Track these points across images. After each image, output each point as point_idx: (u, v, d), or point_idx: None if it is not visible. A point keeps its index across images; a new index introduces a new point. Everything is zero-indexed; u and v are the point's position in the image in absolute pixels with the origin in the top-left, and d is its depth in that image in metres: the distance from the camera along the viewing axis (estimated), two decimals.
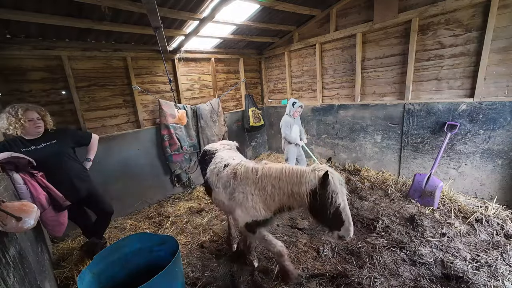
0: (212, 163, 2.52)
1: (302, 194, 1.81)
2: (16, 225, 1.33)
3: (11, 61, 3.10)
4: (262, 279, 2.43)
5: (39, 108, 2.39)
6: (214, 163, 2.49)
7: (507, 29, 2.95)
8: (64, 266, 2.73)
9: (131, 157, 4.09)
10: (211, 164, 2.53)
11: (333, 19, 4.52)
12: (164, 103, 4.24)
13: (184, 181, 4.75)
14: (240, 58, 5.66)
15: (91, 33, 3.33)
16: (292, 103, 3.92)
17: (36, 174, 2.11)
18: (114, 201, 3.40)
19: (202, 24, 3.59)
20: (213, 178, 2.40)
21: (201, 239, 3.15)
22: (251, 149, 6.28)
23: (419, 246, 2.66)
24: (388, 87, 4.16)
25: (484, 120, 3.24)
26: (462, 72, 3.37)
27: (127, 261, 2.16)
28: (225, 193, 2.25)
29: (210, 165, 2.52)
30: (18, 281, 1.31)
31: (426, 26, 3.53)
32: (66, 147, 2.52)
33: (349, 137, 4.86)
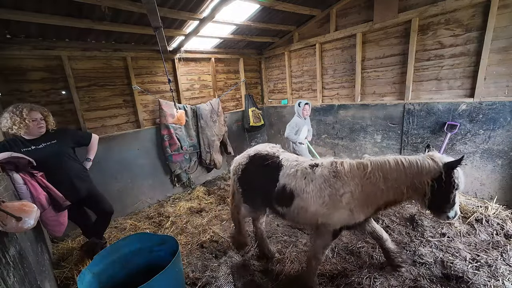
0: (287, 167, 2.14)
1: (424, 183, 1.77)
2: (16, 225, 1.33)
3: (11, 61, 3.10)
4: (262, 279, 2.43)
5: (43, 108, 2.41)
6: (291, 167, 2.13)
7: (507, 29, 2.94)
8: (64, 266, 2.73)
9: (131, 157, 4.09)
10: (285, 168, 2.14)
11: (333, 19, 4.52)
12: (164, 103, 4.24)
13: (184, 181, 4.75)
14: (240, 58, 5.66)
15: (91, 33, 3.33)
16: (298, 103, 3.95)
17: (36, 174, 2.11)
18: (114, 201, 3.40)
19: (202, 24, 3.59)
20: (299, 182, 2.04)
21: (201, 239, 3.15)
22: None
23: (419, 246, 2.66)
24: (388, 87, 4.16)
25: (484, 120, 3.24)
26: (462, 72, 3.37)
27: (127, 261, 2.16)
28: (319, 197, 1.95)
29: (284, 169, 2.14)
30: (18, 281, 1.31)
31: (426, 26, 3.53)
32: (66, 147, 2.53)
33: (349, 137, 4.86)
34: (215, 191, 4.64)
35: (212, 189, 4.73)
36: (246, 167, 2.39)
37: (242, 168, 2.40)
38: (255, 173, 2.32)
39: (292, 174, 2.10)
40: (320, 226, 2.03)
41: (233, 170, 2.54)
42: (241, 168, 2.42)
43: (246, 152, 2.51)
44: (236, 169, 2.47)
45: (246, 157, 2.43)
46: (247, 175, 2.38)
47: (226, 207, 3.99)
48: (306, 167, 2.09)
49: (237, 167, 2.46)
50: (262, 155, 2.36)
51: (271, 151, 2.38)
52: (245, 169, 2.39)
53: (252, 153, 2.42)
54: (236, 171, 2.47)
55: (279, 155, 2.31)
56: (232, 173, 2.58)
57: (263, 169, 2.25)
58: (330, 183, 1.94)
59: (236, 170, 2.46)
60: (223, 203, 4.14)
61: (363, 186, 1.88)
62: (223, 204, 4.10)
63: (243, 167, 2.40)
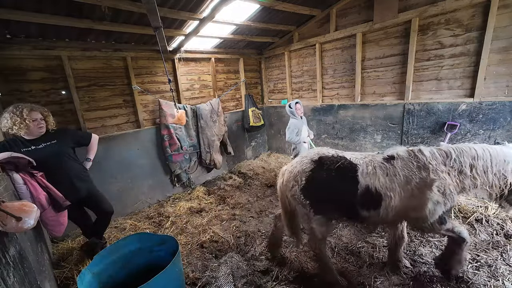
0: (362, 165, 1.97)
1: (507, 173, 1.76)
2: (16, 225, 1.33)
3: (11, 61, 3.10)
4: (262, 279, 2.43)
5: (43, 108, 2.41)
6: (367, 164, 1.97)
7: (507, 29, 2.95)
8: (64, 266, 2.73)
9: (131, 157, 4.09)
10: (361, 167, 1.97)
11: (333, 19, 4.52)
12: (164, 103, 4.24)
13: (184, 181, 4.75)
14: (240, 58, 5.66)
15: (91, 33, 3.33)
16: (288, 105, 3.92)
17: (36, 174, 2.11)
18: (114, 201, 3.40)
19: (202, 24, 3.59)
20: (382, 180, 1.88)
21: (201, 239, 3.15)
22: (251, 149, 6.28)
23: (419, 246, 2.66)
24: (388, 87, 4.16)
25: (484, 120, 3.24)
26: (462, 72, 3.37)
27: (127, 261, 2.16)
28: (407, 190, 1.85)
29: (360, 169, 1.96)
30: (18, 281, 1.31)
31: (426, 26, 3.53)
32: (66, 147, 2.53)
33: (349, 137, 4.86)
34: (215, 191, 4.64)
35: (212, 189, 4.73)
36: (312, 174, 2.05)
37: (307, 176, 2.05)
38: (327, 179, 2.00)
39: (372, 173, 1.92)
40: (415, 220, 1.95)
41: (291, 180, 2.14)
42: (305, 176, 2.06)
43: (303, 158, 2.17)
44: (296, 178, 2.10)
45: (309, 163, 2.10)
46: (316, 182, 2.03)
47: (226, 207, 3.99)
48: (382, 161, 1.95)
49: (298, 176, 2.10)
50: (328, 157, 2.08)
51: (331, 152, 2.16)
52: (311, 177, 2.05)
53: (316, 157, 2.11)
54: (298, 181, 2.09)
55: (344, 154, 2.11)
56: (286, 186, 2.20)
57: (337, 172, 1.99)
58: (415, 173, 1.84)
59: (297, 180, 2.09)
60: (223, 203, 4.14)
61: (449, 173, 1.82)
62: (223, 204, 4.11)
63: (308, 175, 2.05)
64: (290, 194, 2.18)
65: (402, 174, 1.87)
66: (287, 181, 2.20)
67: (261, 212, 3.79)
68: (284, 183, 2.24)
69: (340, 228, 3.15)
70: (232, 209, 3.93)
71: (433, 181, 1.81)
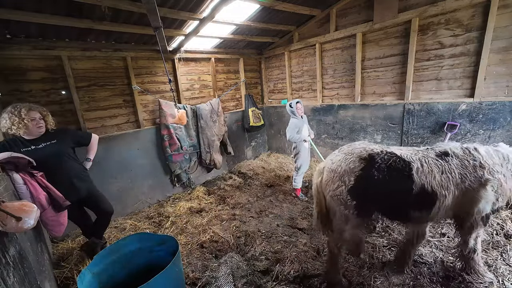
0: (416, 162, 1.85)
1: None
2: (16, 225, 1.33)
3: (11, 61, 3.10)
4: (262, 279, 2.43)
5: (41, 108, 2.40)
6: (420, 162, 1.85)
7: (507, 29, 2.95)
8: (64, 266, 2.73)
9: (131, 157, 4.09)
10: (415, 165, 1.84)
11: (333, 19, 4.52)
12: (164, 103, 4.24)
13: (184, 181, 4.75)
14: (240, 58, 5.66)
15: (91, 33, 3.33)
16: (289, 104, 3.90)
17: (36, 174, 2.11)
18: (114, 201, 3.40)
19: (202, 24, 3.59)
20: (438, 178, 1.80)
21: (201, 239, 3.15)
22: (251, 149, 6.28)
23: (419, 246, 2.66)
24: (388, 87, 4.16)
25: (484, 120, 3.24)
26: (462, 72, 3.37)
27: (127, 261, 2.16)
28: (461, 189, 1.83)
29: (415, 166, 1.83)
30: (18, 281, 1.31)
31: (426, 26, 3.54)
32: (66, 147, 2.52)
33: (349, 137, 4.85)
34: (215, 191, 4.64)
35: (212, 189, 4.73)
36: (363, 173, 1.88)
37: (357, 175, 1.89)
38: (379, 179, 1.84)
39: (427, 171, 1.81)
40: (467, 217, 1.90)
41: (336, 180, 1.98)
42: (354, 176, 1.90)
43: (347, 156, 2.01)
44: (344, 178, 1.94)
45: (357, 161, 1.93)
46: (367, 183, 1.87)
47: (226, 207, 3.99)
48: (435, 158, 1.86)
49: (345, 176, 1.94)
50: (379, 154, 1.92)
51: (376, 147, 2.02)
52: (362, 177, 1.88)
53: (364, 154, 1.94)
54: (345, 181, 1.93)
55: (392, 150, 1.96)
56: (326, 185, 2.06)
57: (390, 171, 1.83)
58: (470, 171, 1.79)
59: (345, 180, 1.93)
60: (223, 203, 4.14)
61: (504, 174, 1.79)
62: (223, 204, 4.11)
63: (358, 174, 1.89)
64: (332, 194, 2.02)
65: (458, 172, 1.79)
66: (328, 180, 2.04)
67: (261, 212, 3.79)
68: (324, 183, 2.08)
69: None
70: (232, 209, 3.93)
71: (488, 181, 1.77)
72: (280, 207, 3.90)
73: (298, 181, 4.07)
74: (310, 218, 3.47)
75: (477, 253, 2.09)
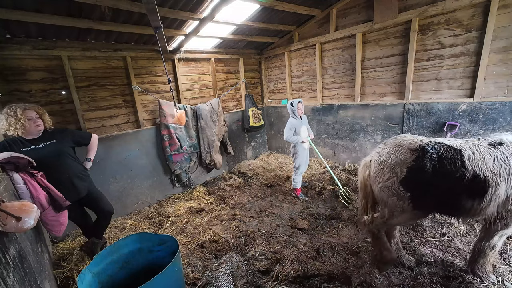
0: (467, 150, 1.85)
1: None
2: (16, 225, 1.33)
3: (11, 61, 3.10)
4: (262, 279, 2.43)
5: (37, 106, 2.39)
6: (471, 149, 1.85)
7: (507, 29, 2.95)
8: (64, 266, 2.73)
9: (131, 157, 4.09)
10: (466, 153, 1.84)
11: (333, 19, 4.52)
12: (164, 103, 4.24)
13: (184, 181, 4.75)
14: (240, 58, 5.66)
15: (91, 33, 3.33)
16: (290, 103, 3.89)
17: (36, 174, 2.10)
18: (114, 201, 3.41)
19: (202, 24, 3.59)
20: (490, 166, 1.78)
21: (201, 239, 3.15)
22: (251, 149, 6.28)
23: (419, 246, 2.66)
24: (388, 87, 4.16)
25: (484, 120, 3.24)
26: (462, 72, 3.37)
27: (127, 261, 2.16)
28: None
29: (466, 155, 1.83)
30: (18, 281, 1.31)
31: (426, 26, 3.54)
32: (66, 147, 2.52)
33: (349, 137, 4.86)
34: (215, 191, 4.64)
35: (212, 189, 4.73)
36: (415, 164, 1.91)
37: (409, 167, 1.92)
38: (433, 168, 1.86)
39: (479, 158, 1.80)
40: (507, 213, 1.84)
41: (387, 171, 2.01)
42: (407, 167, 1.93)
43: (396, 148, 2.04)
44: (395, 170, 1.98)
45: (408, 153, 1.96)
46: (420, 173, 1.89)
47: (226, 207, 3.99)
48: (488, 147, 1.84)
49: (396, 168, 1.97)
50: (429, 144, 1.93)
51: (421, 138, 2.04)
52: (414, 167, 1.91)
53: (415, 145, 1.96)
54: (397, 172, 1.97)
55: (441, 141, 1.97)
56: (375, 177, 2.10)
57: (443, 160, 1.85)
58: None
59: (396, 171, 1.97)
60: (223, 203, 4.14)
61: None
62: (223, 204, 4.11)
63: (411, 165, 1.92)
64: (382, 186, 2.05)
65: None
66: (377, 173, 2.07)
67: (261, 212, 3.79)
68: (373, 175, 2.12)
69: (340, 228, 3.15)
70: (232, 209, 3.93)
71: None
72: (280, 207, 3.90)
73: (297, 181, 4.07)
74: (310, 218, 3.47)
75: (494, 251, 2.07)
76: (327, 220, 3.39)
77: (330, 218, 3.42)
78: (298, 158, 3.98)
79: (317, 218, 3.47)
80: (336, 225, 3.21)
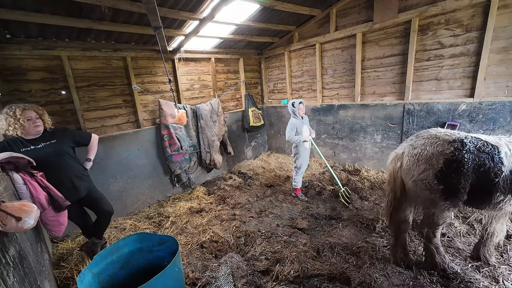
0: (503, 146, 1.88)
1: None
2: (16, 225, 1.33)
3: (11, 61, 3.10)
4: (262, 279, 2.43)
5: (36, 107, 2.38)
6: (507, 145, 1.89)
7: (507, 29, 2.95)
8: (64, 266, 2.73)
9: (131, 157, 4.09)
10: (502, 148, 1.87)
11: (333, 19, 4.52)
12: (164, 103, 4.24)
13: (184, 181, 4.75)
14: (240, 58, 5.66)
15: (91, 33, 3.33)
16: (291, 104, 3.87)
17: (36, 174, 2.10)
18: (114, 201, 3.41)
19: (202, 24, 3.59)
20: None
21: (201, 239, 3.15)
22: (251, 149, 6.28)
23: (419, 246, 2.66)
24: (388, 87, 4.16)
25: (484, 120, 3.24)
26: (462, 72, 3.37)
27: (127, 261, 2.16)
28: None
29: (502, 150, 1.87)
30: (18, 281, 1.31)
31: (426, 26, 3.54)
32: (66, 147, 2.52)
33: (349, 137, 4.86)
34: (215, 191, 4.64)
35: (212, 189, 4.73)
36: (453, 156, 1.89)
37: (446, 158, 1.91)
38: (470, 161, 1.87)
39: None
40: None
41: (422, 163, 2.00)
42: (443, 159, 1.92)
43: (432, 140, 2.03)
44: (431, 162, 1.96)
45: (446, 145, 1.94)
46: (457, 166, 1.88)
47: (226, 207, 3.99)
48: None
49: (433, 159, 1.96)
50: (467, 137, 1.93)
51: (462, 133, 2.04)
52: (452, 159, 1.89)
53: (452, 138, 1.96)
54: (433, 164, 1.95)
55: (477, 135, 1.97)
56: (408, 170, 2.08)
57: (481, 154, 1.86)
58: None
59: (433, 163, 1.95)
60: (223, 203, 4.14)
61: None
62: (223, 204, 4.10)
63: (448, 158, 1.90)
64: (416, 179, 2.05)
65: None
66: (412, 165, 2.06)
67: (261, 212, 3.79)
68: (406, 168, 2.10)
69: (340, 228, 3.15)
70: (232, 209, 3.93)
71: None
72: (280, 207, 3.90)
73: (298, 181, 4.07)
74: (310, 218, 3.47)
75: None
76: (327, 220, 3.39)
77: (330, 218, 3.42)
78: (299, 158, 3.98)
79: (317, 218, 3.47)
80: (336, 225, 3.21)
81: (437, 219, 2.09)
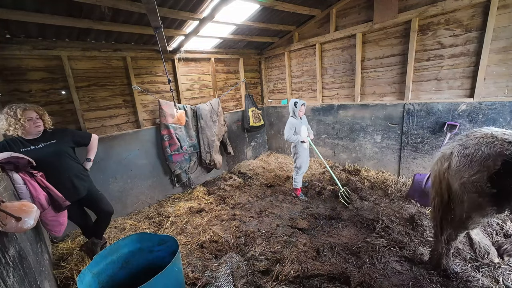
0: None
1: None
2: (16, 225, 1.33)
3: (11, 61, 3.10)
4: (262, 279, 2.43)
5: (37, 107, 2.38)
6: None
7: (507, 29, 2.95)
8: (64, 266, 2.73)
9: (131, 157, 4.09)
10: None
11: (333, 19, 4.52)
12: (164, 103, 4.24)
13: (184, 181, 4.75)
14: (240, 58, 5.66)
15: (91, 33, 3.33)
16: (294, 103, 3.83)
17: (36, 174, 2.10)
18: (114, 201, 3.41)
19: (202, 24, 3.59)
20: None
21: (201, 239, 3.15)
22: (251, 149, 6.28)
23: (419, 246, 2.66)
24: (388, 87, 4.16)
25: (484, 120, 3.24)
26: (462, 72, 3.37)
27: (127, 261, 2.16)
28: None
29: None
30: (18, 281, 1.31)
31: (426, 26, 3.54)
32: (66, 147, 2.52)
33: (349, 137, 4.86)
34: (215, 191, 4.64)
35: (212, 189, 4.73)
36: None
37: (505, 160, 1.74)
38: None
39: None
40: None
41: (475, 165, 1.85)
42: (502, 161, 1.76)
43: (486, 139, 1.87)
44: (487, 163, 1.80)
45: (506, 144, 1.77)
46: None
47: (226, 207, 3.99)
48: None
49: (489, 161, 1.80)
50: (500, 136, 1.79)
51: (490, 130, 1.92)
52: (511, 162, 1.73)
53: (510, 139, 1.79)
54: (489, 166, 1.79)
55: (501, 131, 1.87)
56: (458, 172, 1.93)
57: None
58: None
59: (488, 165, 1.80)
60: (223, 203, 4.14)
61: None
62: (223, 204, 4.10)
63: (508, 159, 1.73)
64: (466, 181, 1.90)
65: None
66: (461, 166, 1.91)
67: (261, 212, 3.79)
68: (456, 169, 1.95)
69: (340, 228, 3.15)
70: (232, 209, 3.93)
71: None
72: (280, 207, 3.90)
73: (298, 181, 4.07)
74: (310, 218, 3.47)
75: None
76: (327, 220, 3.39)
77: (330, 218, 3.42)
78: (299, 158, 3.98)
79: (317, 218, 3.47)
80: (336, 225, 3.21)
81: (470, 223, 1.98)
